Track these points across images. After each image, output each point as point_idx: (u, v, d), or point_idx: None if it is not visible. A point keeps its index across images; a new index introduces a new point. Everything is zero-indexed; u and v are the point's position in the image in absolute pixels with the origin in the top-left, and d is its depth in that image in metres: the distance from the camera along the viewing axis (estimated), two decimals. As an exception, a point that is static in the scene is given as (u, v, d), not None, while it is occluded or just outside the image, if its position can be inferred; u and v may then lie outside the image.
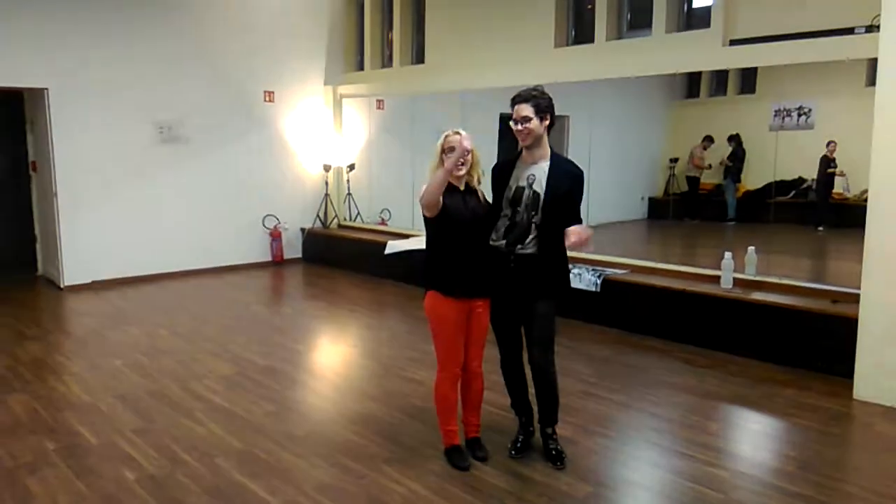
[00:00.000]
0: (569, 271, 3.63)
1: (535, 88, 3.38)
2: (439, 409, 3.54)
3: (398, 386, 4.69)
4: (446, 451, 3.56)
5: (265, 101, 9.08)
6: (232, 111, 8.77)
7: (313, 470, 3.48)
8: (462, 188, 3.44)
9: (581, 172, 3.45)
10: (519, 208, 3.39)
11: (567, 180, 3.38)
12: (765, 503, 3.17)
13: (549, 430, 3.61)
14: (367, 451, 3.69)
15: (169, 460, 3.58)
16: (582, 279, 6.17)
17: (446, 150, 3.34)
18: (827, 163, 12.16)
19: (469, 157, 3.36)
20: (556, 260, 3.46)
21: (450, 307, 3.38)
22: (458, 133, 3.35)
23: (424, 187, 3.29)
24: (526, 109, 3.30)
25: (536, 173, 3.38)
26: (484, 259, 3.44)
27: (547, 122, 3.36)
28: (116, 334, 5.95)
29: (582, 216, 3.49)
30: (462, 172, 3.37)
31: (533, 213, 3.35)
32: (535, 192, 3.36)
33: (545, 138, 3.40)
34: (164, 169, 8.28)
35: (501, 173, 3.48)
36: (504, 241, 3.42)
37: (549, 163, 3.39)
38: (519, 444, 3.66)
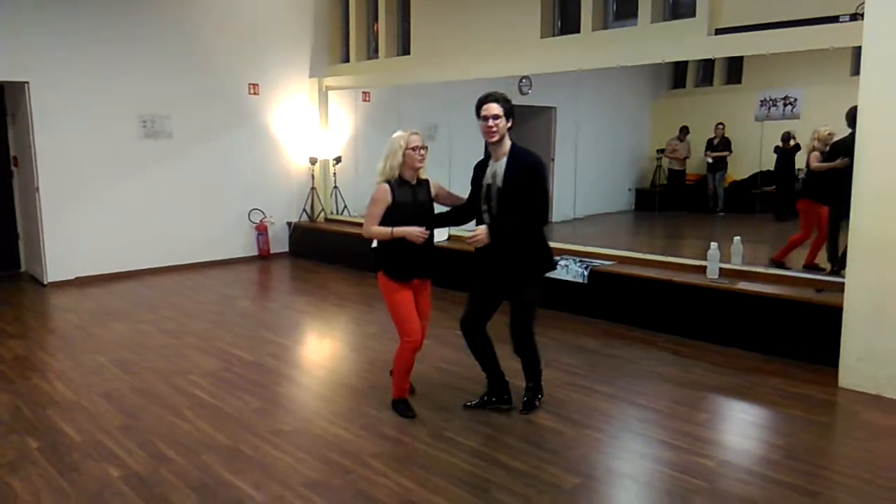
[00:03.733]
0: (549, 254, 3.95)
1: (500, 92, 3.76)
2: (398, 371, 4.04)
3: (385, 380, 4.66)
4: (395, 402, 4.10)
5: (250, 93, 9.00)
6: (216, 104, 8.69)
7: (300, 465, 3.46)
8: (414, 182, 3.92)
9: (535, 161, 3.78)
10: (492, 204, 3.80)
11: (521, 172, 3.72)
12: (751, 492, 3.19)
13: (531, 384, 4.07)
14: (353, 445, 3.67)
15: (154, 457, 3.54)
16: (569, 271, 6.17)
17: (409, 148, 3.81)
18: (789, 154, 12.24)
19: (426, 152, 3.85)
20: (531, 244, 3.83)
21: (397, 285, 3.90)
22: (415, 133, 3.82)
23: (371, 225, 3.91)
24: (496, 108, 3.68)
25: (498, 170, 3.77)
26: (426, 246, 3.88)
27: (510, 124, 3.75)
28: (101, 331, 5.89)
29: (553, 204, 3.81)
30: (420, 166, 3.86)
31: (499, 207, 3.77)
32: (498, 187, 3.76)
33: (507, 137, 3.78)
34: (148, 163, 8.20)
35: (479, 171, 3.91)
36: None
37: (507, 157, 3.76)
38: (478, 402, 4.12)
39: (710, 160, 13.07)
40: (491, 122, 3.67)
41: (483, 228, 3.70)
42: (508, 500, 3.11)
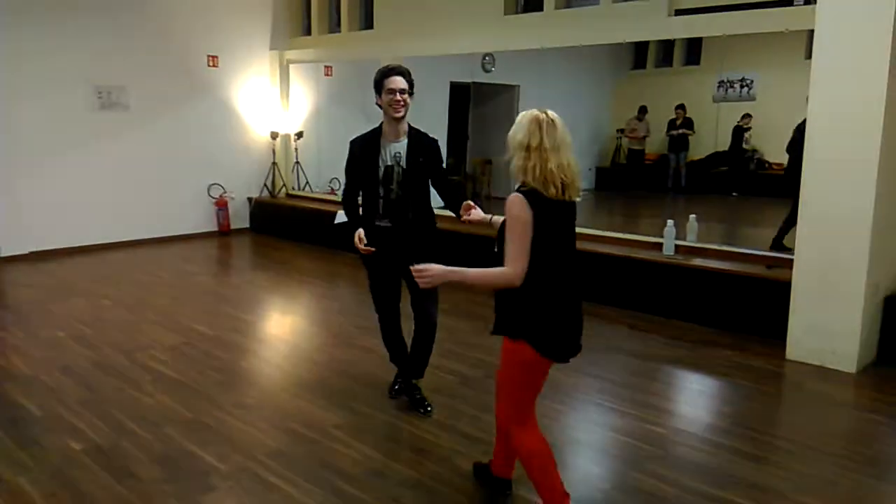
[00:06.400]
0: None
1: (405, 67, 3.57)
2: (543, 469, 2.63)
3: (348, 354, 4.72)
4: None
5: (209, 65, 8.84)
6: (174, 76, 8.52)
7: (263, 436, 3.49)
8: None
9: (435, 141, 3.69)
10: (392, 186, 3.57)
11: (425, 153, 3.59)
12: (701, 457, 3.33)
13: (415, 382, 3.87)
14: (317, 417, 3.72)
15: (116, 430, 3.54)
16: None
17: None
18: (741, 133, 12.70)
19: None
20: (432, 221, 3.73)
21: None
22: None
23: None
24: (403, 82, 3.48)
25: (400, 150, 3.57)
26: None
27: (410, 101, 3.56)
28: (58, 306, 5.80)
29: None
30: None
31: (405, 188, 3.57)
32: (403, 168, 3.56)
33: (407, 115, 3.57)
34: (104, 136, 8.02)
35: (368, 150, 3.59)
36: (388, 221, 3.62)
37: (407, 138, 3.58)
38: (397, 388, 3.99)
39: (676, 134, 13.30)
40: (398, 96, 3.45)
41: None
42: (469, 467, 3.19)
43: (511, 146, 2.51)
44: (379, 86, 3.50)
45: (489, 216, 3.10)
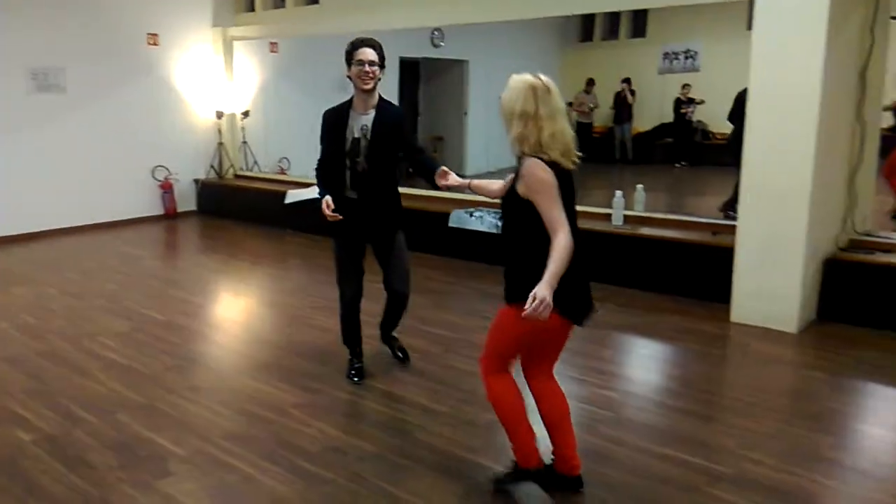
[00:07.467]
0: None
1: (375, 40, 3.55)
2: (512, 418, 2.75)
3: (303, 334, 4.69)
4: (519, 472, 2.76)
5: (149, 44, 8.57)
6: (113, 56, 8.24)
7: (220, 419, 3.47)
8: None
9: (401, 112, 3.78)
10: (358, 159, 3.58)
11: (389, 125, 3.58)
12: (652, 418, 3.44)
13: (394, 334, 4.09)
14: (274, 397, 3.70)
15: (67, 419, 3.46)
16: (483, 222, 6.30)
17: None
18: (679, 104, 13.00)
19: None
20: (396, 193, 3.76)
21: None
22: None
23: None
24: (373, 54, 3.48)
25: (367, 123, 3.56)
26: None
27: (381, 75, 3.56)
28: (0, 296, 5.63)
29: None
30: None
31: (371, 161, 3.57)
32: (369, 141, 3.56)
33: (377, 88, 3.57)
34: (41, 120, 7.72)
35: (337, 122, 3.61)
36: (356, 193, 3.63)
37: (375, 110, 3.57)
38: (356, 370, 3.92)
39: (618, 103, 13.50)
40: (367, 68, 3.45)
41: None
42: (428, 439, 3.23)
43: (505, 114, 2.47)
44: (349, 57, 3.49)
45: (467, 181, 3.12)
